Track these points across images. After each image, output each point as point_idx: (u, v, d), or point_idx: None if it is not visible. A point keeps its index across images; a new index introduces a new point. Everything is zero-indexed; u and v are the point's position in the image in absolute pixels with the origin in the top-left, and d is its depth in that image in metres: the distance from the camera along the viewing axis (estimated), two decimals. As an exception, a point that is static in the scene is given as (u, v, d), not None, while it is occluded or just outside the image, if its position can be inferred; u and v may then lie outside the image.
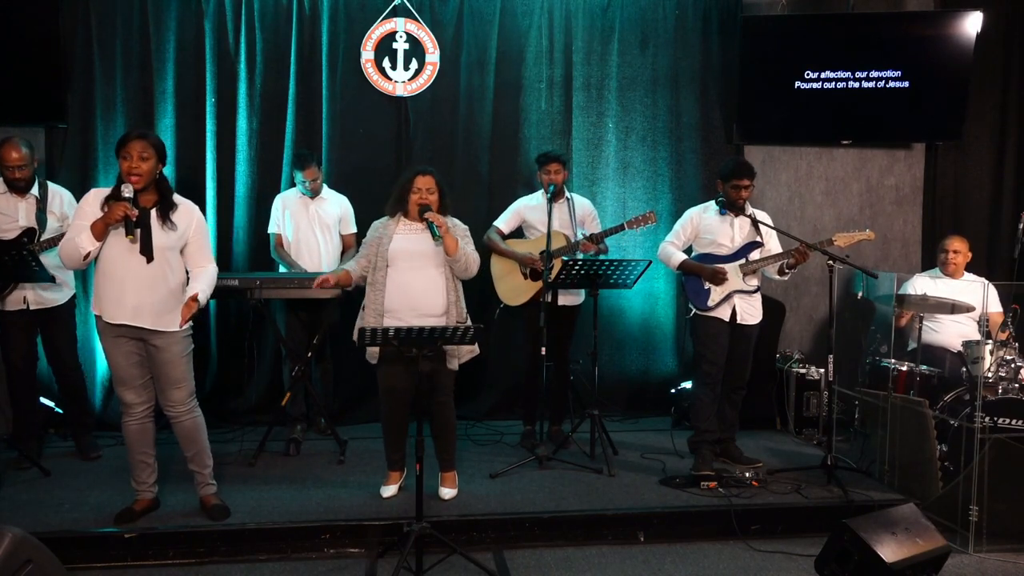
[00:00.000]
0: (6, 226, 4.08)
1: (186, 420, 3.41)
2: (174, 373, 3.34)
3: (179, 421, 3.40)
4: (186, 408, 3.40)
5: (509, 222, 4.63)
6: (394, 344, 3.17)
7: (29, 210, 4.10)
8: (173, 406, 3.38)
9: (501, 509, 3.66)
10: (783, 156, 5.69)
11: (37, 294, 4.11)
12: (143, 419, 3.40)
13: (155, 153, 3.24)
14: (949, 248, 4.85)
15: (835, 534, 3.01)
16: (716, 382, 4.20)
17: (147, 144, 3.22)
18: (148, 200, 3.28)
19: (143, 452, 3.44)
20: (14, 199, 4.09)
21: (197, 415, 3.45)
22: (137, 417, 3.38)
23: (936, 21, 5.36)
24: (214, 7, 4.96)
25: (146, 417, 3.41)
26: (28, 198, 4.11)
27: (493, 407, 5.28)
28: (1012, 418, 3.88)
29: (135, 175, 3.19)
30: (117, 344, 3.29)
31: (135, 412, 3.37)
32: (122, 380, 3.34)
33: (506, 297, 4.54)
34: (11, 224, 4.07)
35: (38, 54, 4.73)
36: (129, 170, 3.19)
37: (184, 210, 3.35)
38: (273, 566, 3.32)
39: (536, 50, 5.29)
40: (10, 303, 4.08)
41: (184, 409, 3.39)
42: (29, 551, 2.40)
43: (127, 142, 3.21)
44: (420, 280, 3.59)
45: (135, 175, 3.19)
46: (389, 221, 3.71)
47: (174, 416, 3.40)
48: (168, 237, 3.27)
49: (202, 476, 3.52)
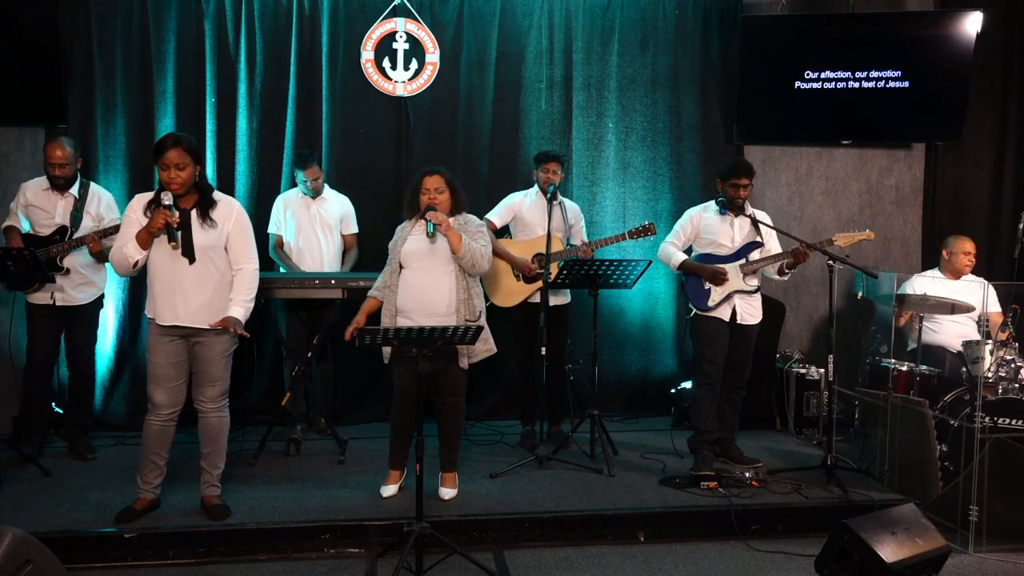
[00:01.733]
0: (44, 222, 4.16)
1: (213, 417, 3.45)
2: (213, 370, 3.39)
3: (207, 417, 3.45)
4: (216, 406, 3.45)
5: (502, 216, 4.61)
6: (394, 344, 3.17)
7: (66, 208, 4.18)
8: (205, 402, 3.43)
9: (501, 509, 3.66)
10: (783, 156, 5.69)
11: (65, 292, 4.14)
12: (166, 421, 3.42)
13: (191, 159, 3.27)
14: (960, 250, 4.81)
15: (835, 534, 3.00)
16: (716, 382, 4.20)
17: (182, 152, 3.25)
18: (188, 202, 3.33)
19: (157, 453, 3.45)
20: (55, 197, 4.17)
21: (224, 415, 3.49)
22: (162, 418, 3.40)
23: (936, 21, 5.36)
24: (214, 7, 4.96)
25: (170, 420, 3.43)
26: (67, 196, 4.18)
27: (493, 407, 5.28)
28: (1012, 418, 3.88)
29: (175, 185, 3.24)
30: (161, 342, 3.34)
31: (161, 413, 3.39)
32: (156, 379, 3.37)
33: (496, 297, 4.51)
34: (48, 221, 4.16)
35: (38, 54, 4.73)
36: (168, 181, 3.24)
37: (224, 206, 3.40)
38: (273, 566, 3.32)
39: (536, 50, 5.29)
40: (38, 298, 4.13)
41: (215, 407, 3.44)
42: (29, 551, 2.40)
43: (163, 152, 3.23)
44: (428, 280, 3.61)
45: (175, 185, 3.24)
46: (407, 224, 3.75)
47: (203, 411, 3.44)
48: (208, 236, 3.32)
49: (209, 476, 3.52)
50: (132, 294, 4.91)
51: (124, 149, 4.95)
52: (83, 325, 4.27)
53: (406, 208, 3.77)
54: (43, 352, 4.19)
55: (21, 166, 4.91)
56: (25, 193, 4.20)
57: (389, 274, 3.69)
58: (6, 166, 4.92)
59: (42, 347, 4.18)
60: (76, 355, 4.30)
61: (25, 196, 4.19)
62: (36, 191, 4.19)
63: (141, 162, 4.93)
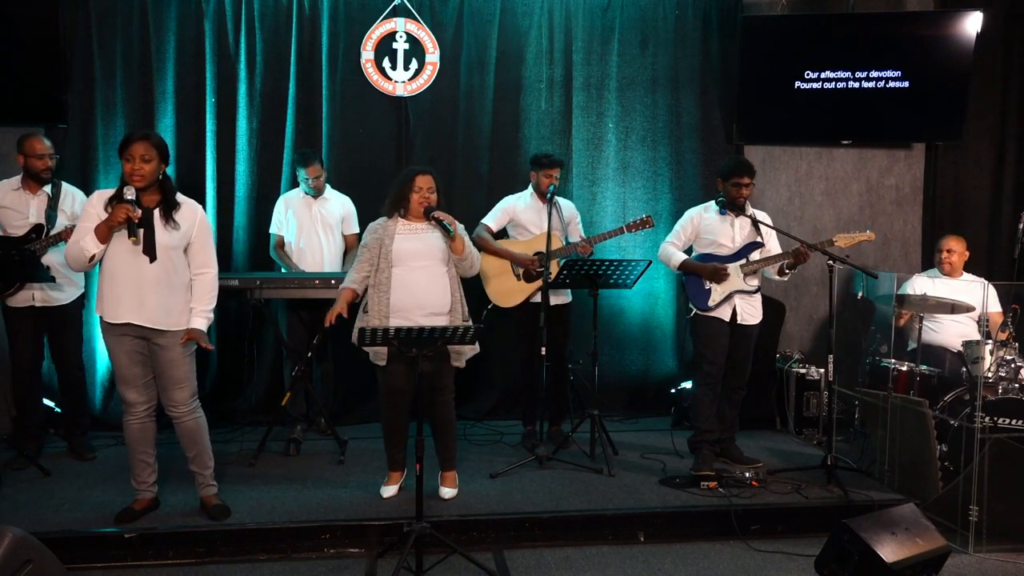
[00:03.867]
0: (17, 222, 4.11)
1: (188, 421, 3.41)
2: (176, 373, 3.34)
3: (181, 421, 3.40)
4: (188, 409, 3.40)
5: (499, 220, 4.61)
6: (394, 344, 3.17)
7: (40, 207, 4.14)
8: (175, 406, 3.38)
9: (501, 509, 3.66)
10: (783, 156, 5.70)
11: (44, 292, 4.12)
12: (144, 419, 3.40)
13: (157, 154, 3.26)
14: (944, 248, 4.87)
15: (835, 534, 3.01)
16: (716, 382, 4.20)
17: (149, 145, 3.24)
18: (151, 200, 3.30)
19: (143, 452, 3.44)
20: (26, 195, 4.13)
21: (199, 416, 3.45)
22: (139, 416, 3.38)
23: (936, 21, 5.36)
24: (214, 7, 4.96)
25: (147, 417, 3.41)
26: (40, 195, 4.15)
27: (493, 407, 5.28)
28: (1012, 418, 3.88)
29: (137, 176, 3.21)
30: (120, 343, 3.30)
31: (137, 411, 3.38)
32: (124, 379, 3.34)
33: (497, 298, 4.51)
34: (22, 220, 4.11)
35: (38, 54, 4.73)
36: (131, 172, 3.22)
37: (187, 209, 3.37)
38: (273, 566, 3.32)
39: (536, 50, 5.29)
40: (17, 300, 4.09)
41: (186, 410, 3.39)
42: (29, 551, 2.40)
43: (129, 144, 3.23)
44: (426, 278, 3.59)
45: (137, 176, 3.21)
46: (388, 222, 3.68)
47: (176, 416, 3.40)
48: (171, 236, 3.28)
49: (203, 477, 3.52)
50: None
51: (124, 149, 4.95)
52: (67, 325, 4.22)
53: (389, 205, 3.70)
54: (27, 356, 4.15)
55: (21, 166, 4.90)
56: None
57: (372, 272, 3.60)
58: (6, 166, 4.91)
59: (26, 351, 4.14)
60: (63, 356, 4.26)
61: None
62: (5, 192, 4.13)
63: (141, 162, 4.93)
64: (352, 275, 3.64)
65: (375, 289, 3.60)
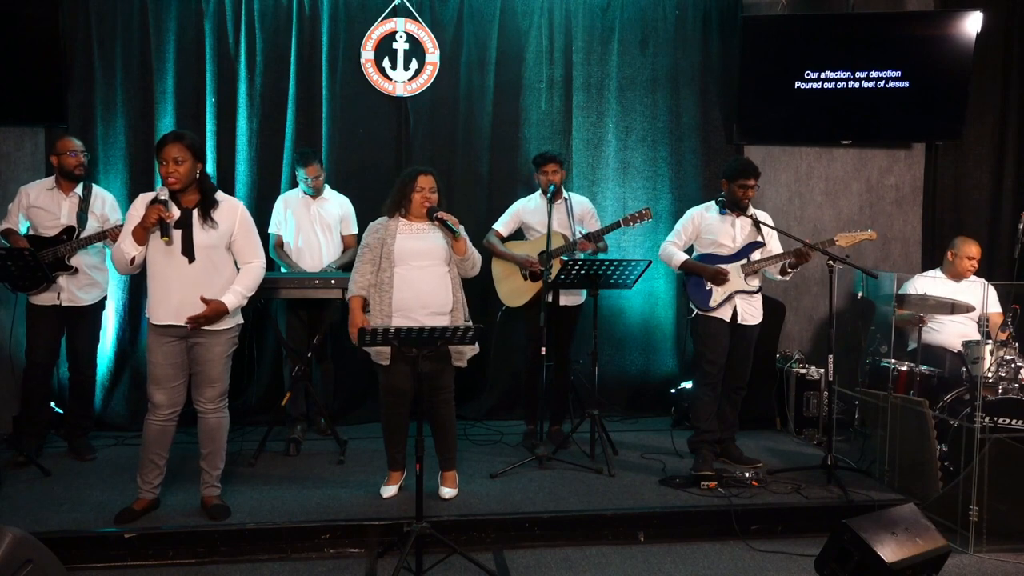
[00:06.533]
0: (48, 223, 4.15)
1: (212, 418, 3.45)
2: (212, 372, 3.39)
3: (206, 417, 3.45)
4: (215, 407, 3.45)
5: (508, 224, 4.64)
6: (395, 344, 3.17)
7: (72, 208, 4.18)
8: (205, 402, 3.43)
9: (501, 509, 3.66)
10: (783, 156, 5.70)
11: (71, 292, 4.15)
12: (166, 421, 3.42)
13: (191, 155, 3.28)
14: (964, 254, 4.77)
15: (835, 534, 3.01)
16: (716, 382, 4.20)
17: (182, 146, 3.26)
18: (190, 200, 3.33)
19: (156, 453, 3.45)
20: (59, 196, 4.17)
21: (224, 415, 3.49)
22: (161, 418, 3.40)
23: (936, 21, 5.36)
24: (214, 7, 4.97)
25: (169, 420, 3.43)
26: (72, 196, 4.19)
27: (493, 407, 5.28)
28: (1012, 418, 3.88)
29: (172, 179, 3.25)
30: (160, 343, 3.34)
31: (161, 413, 3.40)
32: (156, 379, 3.37)
33: (506, 299, 4.55)
34: (53, 222, 4.15)
35: (38, 54, 4.73)
36: (166, 175, 3.26)
37: (227, 207, 3.40)
38: (273, 566, 3.32)
39: (536, 50, 5.29)
40: (43, 299, 4.12)
41: (214, 407, 3.44)
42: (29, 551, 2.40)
43: (162, 147, 3.27)
44: (429, 278, 3.59)
45: (172, 179, 3.25)
46: (388, 221, 3.68)
47: (202, 412, 3.44)
48: (209, 235, 3.31)
49: (209, 476, 3.52)
50: (132, 294, 4.92)
51: (124, 149, 4.95)
52: (86, 326, 4.27)
53: (390, 205, 3.70)
54: (44, 354, 4.19)
55: (21, 166, 4.91)
56: (28, 195, 4.18)
57: (373, 273, 3.60)
58: (6, 166, 4.92)
59: (43, 349, 4.18)
60: (78, 357, 4.29)
61: (28, 198, 4.18)
62: (39, 192, 4.19)
63: (141, 162, 4.94)
64: (357, 279, 3.62)
65: (377, 288, 3.59)
